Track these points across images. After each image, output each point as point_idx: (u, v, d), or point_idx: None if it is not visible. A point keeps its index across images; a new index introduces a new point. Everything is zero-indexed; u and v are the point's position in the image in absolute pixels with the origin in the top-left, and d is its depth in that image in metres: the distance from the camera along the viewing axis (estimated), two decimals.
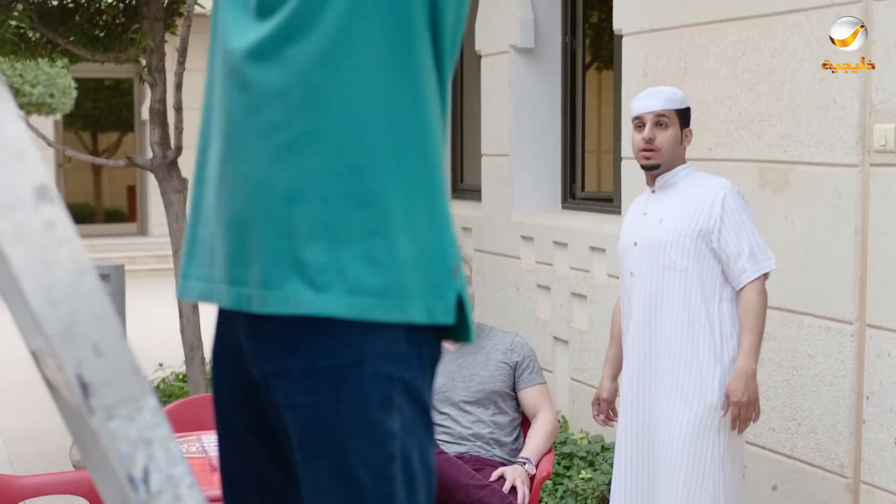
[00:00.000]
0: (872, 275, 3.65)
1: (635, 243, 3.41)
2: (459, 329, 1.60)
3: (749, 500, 4.19)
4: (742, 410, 3.23)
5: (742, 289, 3.25)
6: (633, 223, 3.46)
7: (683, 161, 3.43)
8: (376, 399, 1.52)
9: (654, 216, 3.37)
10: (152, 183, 15.20)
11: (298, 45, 1.52)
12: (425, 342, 1.59)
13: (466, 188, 6.89)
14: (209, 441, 3.50)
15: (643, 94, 3.43)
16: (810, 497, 3.91)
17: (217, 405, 1.71)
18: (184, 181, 5.68)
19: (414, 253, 1.53)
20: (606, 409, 3.64)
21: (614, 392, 3.63)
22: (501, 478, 3.61)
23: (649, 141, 3.35)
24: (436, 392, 3.81)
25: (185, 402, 4.09)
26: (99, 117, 16.47)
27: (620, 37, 4.89)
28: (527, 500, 3.56)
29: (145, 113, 15.23)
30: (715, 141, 4.31)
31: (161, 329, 8.80)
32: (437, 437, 3.80)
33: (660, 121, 3.36)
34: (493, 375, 3.83)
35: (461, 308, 1.59)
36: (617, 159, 5.17)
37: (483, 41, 6.07)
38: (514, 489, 3.58)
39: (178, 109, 5.52)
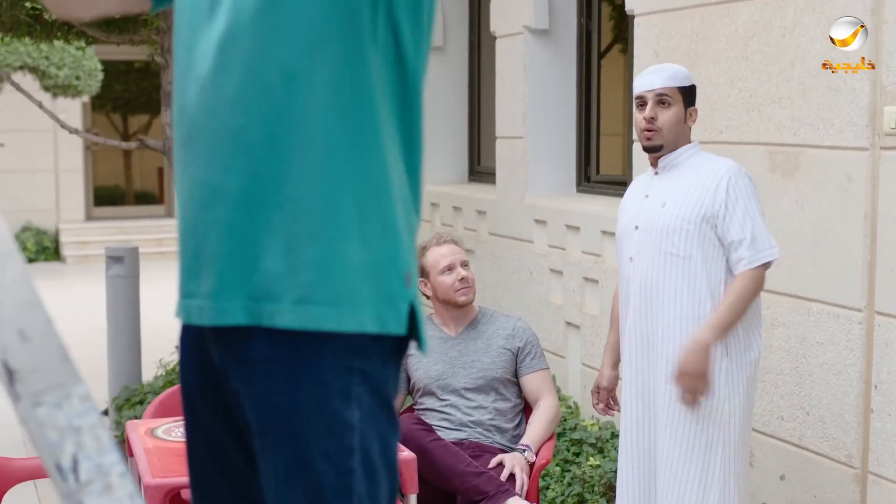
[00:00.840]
0: (881, 261, 3.56)
1: (636, 227, 3.32)
2: (412, 339, 1.56)
3: (757, 490, 4.12)
4: (688, 381, 3.11)
5: (739, 275, 3.17)
6: (634, 206, 3.36)
7: (688, 141, 3.33)
8: (335, 389, 1.50)
9: (656, 199, 3.28)
10: None
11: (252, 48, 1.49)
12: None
13: (483, 171, 6.83)
14: None
15: (645, 71, 3.33)
16: (818, 487, 3.83)
17: (184, 392, 1.70)
18: None
19: (366, 260, 1.49)
20: (606, 397, 3.57)
21: (614, 380, 3.56)
22: (500, 465, 3.57)
23: (650, 120, 3.24)
24: (436, 379, 3.77)
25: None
26: (129, 99, 16.53)
27: (632, 17, 4.81)
28: (525, 488, 3.52)
29: None
30: (725, 123, 4.22)
31: None
32: (437, 423, 3.76)
33: (662, 99, 3.25)
34: (494, 362, 3.78)
35: (415, 318, 1.55)
36: (629, 142, 5.09)
37: (498, 22, 6.00)
38: (512, 476, 3.54)
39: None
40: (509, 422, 3.80)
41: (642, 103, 3.28)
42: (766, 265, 3.17)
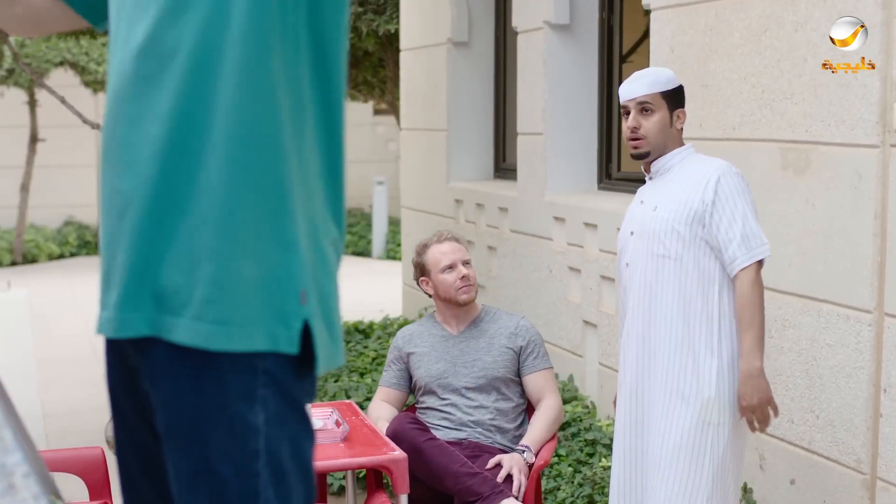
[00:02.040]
0: (891, 261, 3.46)
1: (631, 233, 3.28)
2: (317, 357, 1.51)
3: (767, 494, 4.04)
4: (756, 413, 3.08)
5: (735, 278, 3.10)
6: (631, 212, 3.33)
7: (680, 144, 3.27)
8: (237, 391, 1.47)
9: (649, 204, 3.23)
10: None
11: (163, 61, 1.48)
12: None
13: (508, 168, 6.78)
14: None
15: (628, 79, 3.28)
16: (827, 493, 3.74)
17: (109, 390, 1.68)
18: None
19: (260, 278, 1.46)
20: None
21: None
22: (498, 465, 3.52)
23: (634, 130, 3.19)
24: (437, 377, 3.73)
25: None
26: None
27: (649, 12, 4.73)
28: (523, 490, 3.47)
29: None
30: (738, 120, 4.14)
31: None
32: (437, 422, 3.72)
33: (644, 107, 3.20)
34: (496, 361, 3.73)
35: (312, 336, 1.50)
36: None
37: (519, 17, 5.95)
38: (510, 477, 3.49)
39: None
40: (511, 422, 3.75)
41: (626, 112, 3.24)
42: (761, 263, 3.10)
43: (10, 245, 13.31)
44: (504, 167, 6.86)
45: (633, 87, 3.22)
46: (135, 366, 1.56)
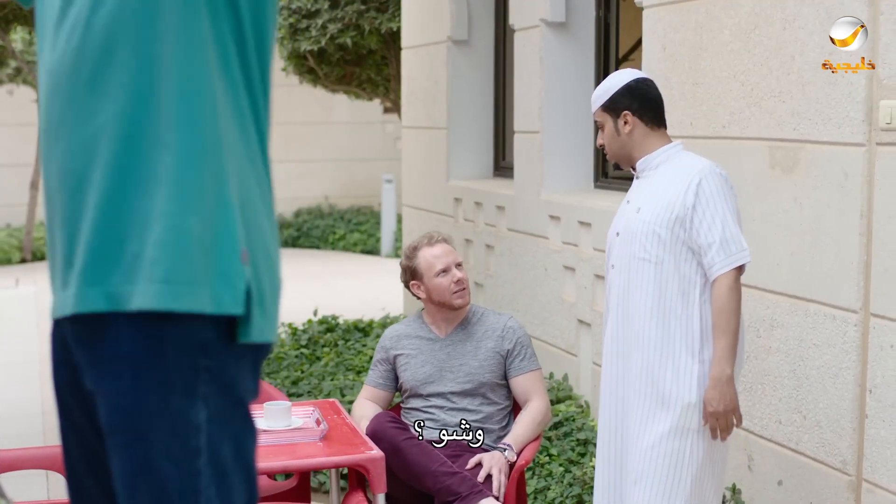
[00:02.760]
0: (877, 261, 3.43)
1: (617, 234, 3.26)
2: (251, 323, 1.50)
3: (755, 495, 4.01)
4: (720, 420, 3.06)
5: (713, 283, 3.07)
6: (619, 212, 3.32)
7: (660, 142, 3.23)
8: (178, 389, 1.46)
9: (634, 205, 3.22)
10: None
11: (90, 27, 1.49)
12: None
13: (507, 166, 6.75)
14: None
15: None
16: (814, 494, 3.71)
17: (55, 390, 1.68)
18: None
19: (203, 236, 1.46)
20: None
21: None
22: (479, 465, 3.50)
23: (601, 147, 3.31)
24: (423, 381, 3.71)
25: None
26: None
27: (642, 9, 4.70)
28: (503, 489, 3.45)
29: None
30: (728, 118, 4.11)
31: None
32: (420, 422, 3.70)
33: (597, 125, 3.31)
34: (482, 366, 3.70)
35: (260, 301, 1.50)
36: None
37: (516, 15, 5.93)
38: (490, 476, 3.47)
39: None
40: (496, 423, 3.73)
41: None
42: (741, 268, 3.07)
43: (20, 243, 13.36)
44: (504, 165, 6.84)
45: (592, 106, 3.35)
46: (79, 363, 1.55)
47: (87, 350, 1.52)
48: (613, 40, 5.60)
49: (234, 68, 1.52)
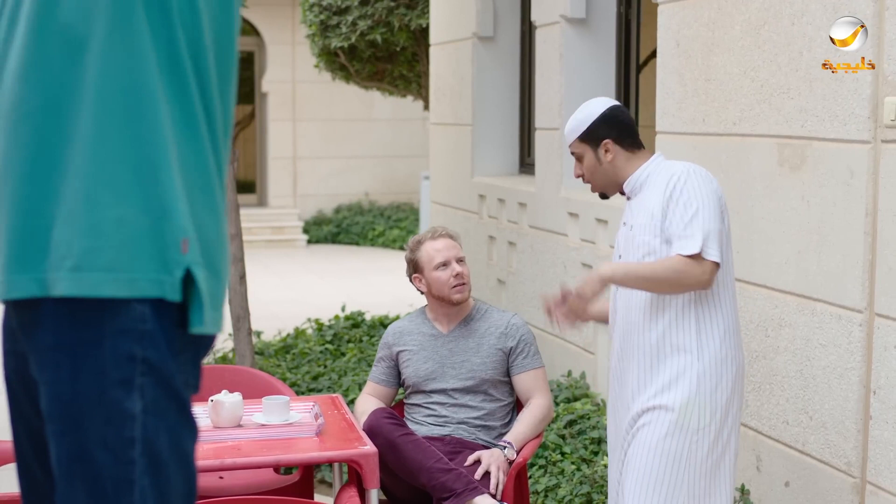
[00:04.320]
0: (881, 260, 3.38)
1: (619, 256, 3.24)
2: (193, 311, 1.51)
3: (763, 496, 3.97)
4: (569, 300, 3.02)
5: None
6: (617, 237, 3.30)
7: (642, 161, 3.20)
8: (115, 379, 1.47)
9: (629, 224, 3.20)
10: (273, 154, 15.47)
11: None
12: (180, 322, 1.52)
13: (532, 163, 6.73)
14: None
15: None
16: (819, 496, 3.66)
17: (5, 378, 1.70)
18: (234, 152, 5.72)
19: (143, 224, 1.47)
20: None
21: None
22: (478, 462, 3.50)
23: (580, 177, 3.27)
24: (425, 378, 3.71)
25: None
26: None
27: (657, 5, 4.67)
28: (501, 487, 3.44)
29: (266, 85, 15.49)
30: (738, 115, 4.06)
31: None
32: (422, 418, 3.71)
33: (574, 155, 3.26)
34: (484, 362, 3.69)
35: (201, 290, 1.50)
36: (650, 135, 4.95)
37: (537, 11, 5.91)
38: (488, 474, 3.47)
39: None
40: (498, 420, 3.72)
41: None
42: (699, 259, 2.98)
43: None
44: (528, 162, 6.82)
45: (565, 139, 3.29)
46: (24, 352, 1.57)
47: (28, 338, 1.54)
48: (634, 37, 5.56)
49: (185, 67, 1.52)
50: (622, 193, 3.25)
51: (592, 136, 3.20)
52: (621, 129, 3.20)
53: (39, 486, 1.68)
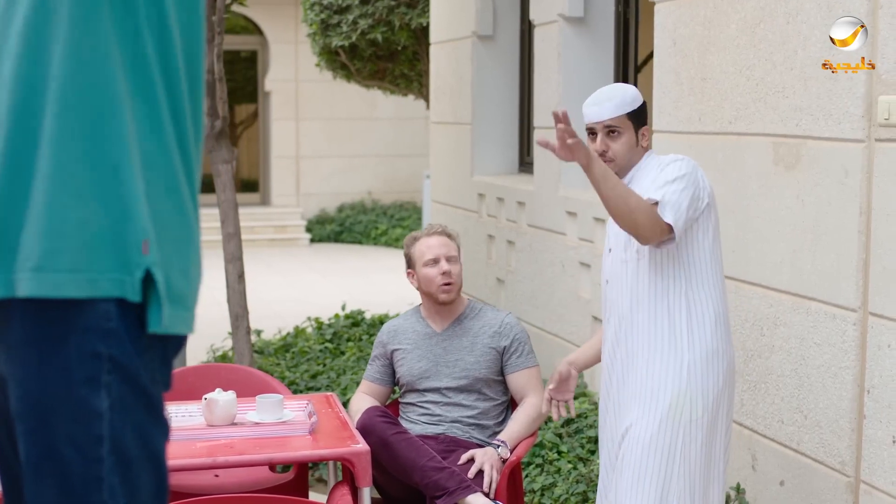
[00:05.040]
0: (875, 259, 3.37)
1: (609, 250, 3.24)
2: (151, 312, 1.51)
3: (759, 495, 3.96)
4: (569, 137, 2.81)
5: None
6: (608, 230, 3.29)
7: (640, 156, 3.20)
8: (81, 377, 1.48)
9: None
10: (276, 153, 15.48)
11: None
12: (142, 321, 1.52)
13: (531, 162, 6.73)
14: (176, 411, 3.50)
15: (593, 98, 3.18)
16: (814, 495, 3.66)
17: None
18: (232, 151, 5.72)
19: (104, 224, 1.47)
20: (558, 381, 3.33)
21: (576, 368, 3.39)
22: (471, 460, 3.50)
23: (602, 154, 3.10)
24: (419, 376, 3.71)
25: (185, 371, 4.11)
26: (235, 89, 16.79)
27: (654, 4, 4.66)
28: (494, 485, 3.44)
29: (269, 84, 15.50)
30: (734, 114, 4.06)
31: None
32: (416, 417, 3.71)
33: (611, 130, 3.11)
34: (478, 361, 3.69)
35: (160, 291, 1.50)
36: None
37: (536, 10, 5.91)
38: (481, 472, 3.47)
39: (221, 80, 5.56)
40: (492, 419, 3.72)
41: (592, 133, 3.15)
42: (657, 214, 2.94)
43: None
44: (528, 161, 6.82)
45: (599, 111, 3.13)
46: None
47: (0, 335, 1.54)
48: (633, 36, 5.55)
49: (151, 66, 1.53)
50: None
51: (640, 115, 3.17)
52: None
53: (19, 483, 1.69)
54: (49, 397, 1.47)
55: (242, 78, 16.28)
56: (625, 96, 3.15)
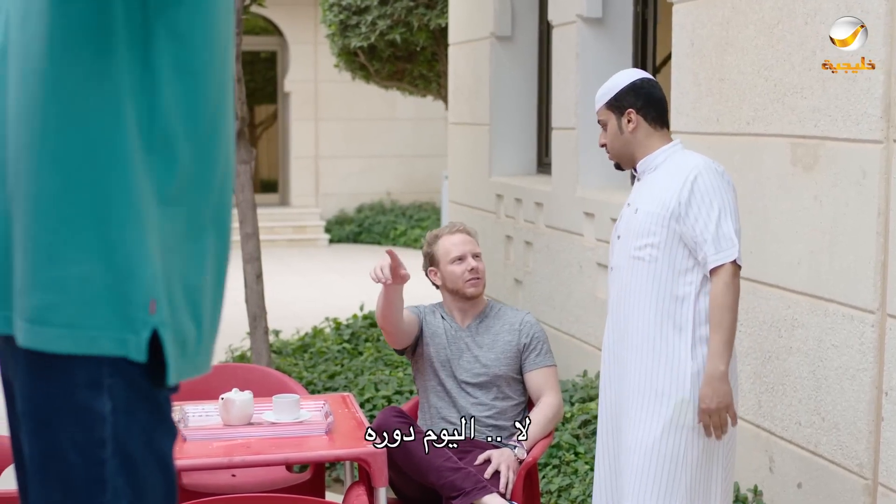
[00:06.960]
0: (893, 260, 3.36)
1: (618, 237, 3.25)
2: (168, 369, 1.51)
3: (776, 497, 3.95)
4: (713, 417, 3.02)
5: (711, 279, 3.04)
6: (620, 216, 3.30)
7: (662, 142, 3.20)
8: (83, 380, 1.48)
9: (633, 206, 3.20)
10: (294, 153, 15.51)
11: None
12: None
13: (549, 163, 6.72)
14: (193, 411, 3.52)
15: None
16: (831, 497, 3.65)
17: (1, 377, 1.72)
18: (251, 151, 5.74)
19: (108, 283, 1.45)
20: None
21: None
22: (488, 461, 3.50)
23: (603, 147, 3.26)
24: (442, 363, 3.71)
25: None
26: (254, 90, 16.83)
27: (672, 4, 4.65)
28: (510, 486, 3.44)
29: (288, 85, 15.53)
30: (752, 114, 4.05)
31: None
32: (435, 401, 3.70)
33: (600, 122, 3.26)
34: (497, 359, 3.70)
35: (163, 348, 1.49)
36: None
37: (554, 10, 5.90)
38: (498, 473, 3.47)
39: (240, 80, 5.57)
40: (509, 420, 3.72)
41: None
42: (738, 266, 3.03)
43: None
44: (546, 162, 6.81)
45: (595, 107, 3.29)
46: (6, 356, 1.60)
47: (6, 340, 1.56)
48: (651, 37, 5.54)
49: (169, 118, 1.48)
50: (634, 171, 3.25)
51: (618, 103, 3.21)
52: (647, 102, 3.20)
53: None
54: (53, 401, 1.48)
55: (262, 79, 16.31)
56: (605, 87, 3.25)
